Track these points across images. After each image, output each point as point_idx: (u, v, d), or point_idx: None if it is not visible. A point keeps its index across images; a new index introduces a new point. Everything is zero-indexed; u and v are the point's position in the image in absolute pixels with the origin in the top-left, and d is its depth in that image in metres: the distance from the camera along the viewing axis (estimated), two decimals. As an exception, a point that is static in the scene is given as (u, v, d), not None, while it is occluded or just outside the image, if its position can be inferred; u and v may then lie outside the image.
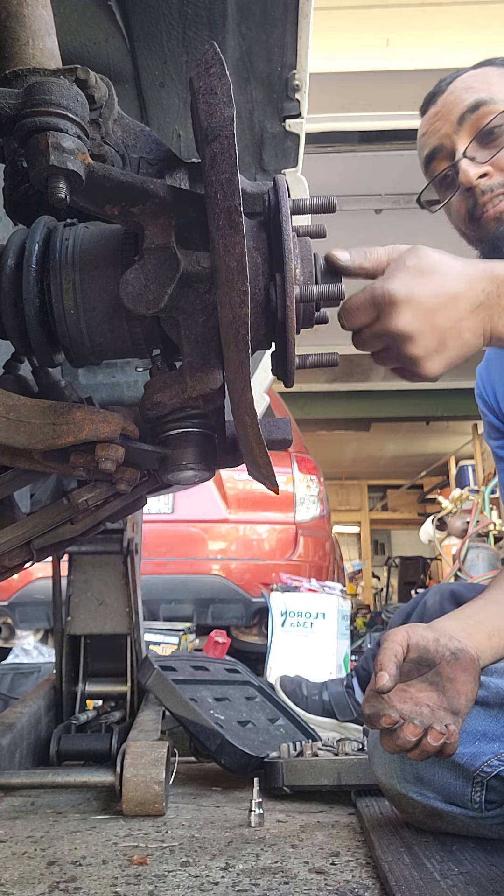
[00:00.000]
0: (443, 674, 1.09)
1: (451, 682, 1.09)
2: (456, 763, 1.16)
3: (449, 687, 1.09)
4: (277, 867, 1.13)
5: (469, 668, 1.11)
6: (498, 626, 1.19)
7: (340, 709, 2.50)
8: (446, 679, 1.09)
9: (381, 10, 4.29)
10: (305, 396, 9.72)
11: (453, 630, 1.14)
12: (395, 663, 1.06)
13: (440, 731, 1.03)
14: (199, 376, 0.84)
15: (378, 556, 15.61)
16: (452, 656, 1.10)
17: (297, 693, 2.56)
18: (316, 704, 2.54)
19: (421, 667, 1.10)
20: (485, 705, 1.18)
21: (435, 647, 1.10)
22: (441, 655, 1.10)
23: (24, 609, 4.19)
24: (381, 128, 4.97)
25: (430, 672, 1.10)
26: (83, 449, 0.89)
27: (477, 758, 1.15)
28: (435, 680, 1.10)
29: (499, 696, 1.17)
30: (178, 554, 4.42)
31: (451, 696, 1.09)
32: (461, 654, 1.10)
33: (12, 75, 0.79)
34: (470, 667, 1.11)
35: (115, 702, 2.11)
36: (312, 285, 0.83)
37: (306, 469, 4.70)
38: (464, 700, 1.09)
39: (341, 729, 2.45)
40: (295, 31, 1.27)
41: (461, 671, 1.10)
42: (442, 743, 1.03)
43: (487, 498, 5.63)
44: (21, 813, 1.51)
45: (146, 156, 0.87)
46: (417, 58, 4.37)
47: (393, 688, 1.05)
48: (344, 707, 2.48)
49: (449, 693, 1.09)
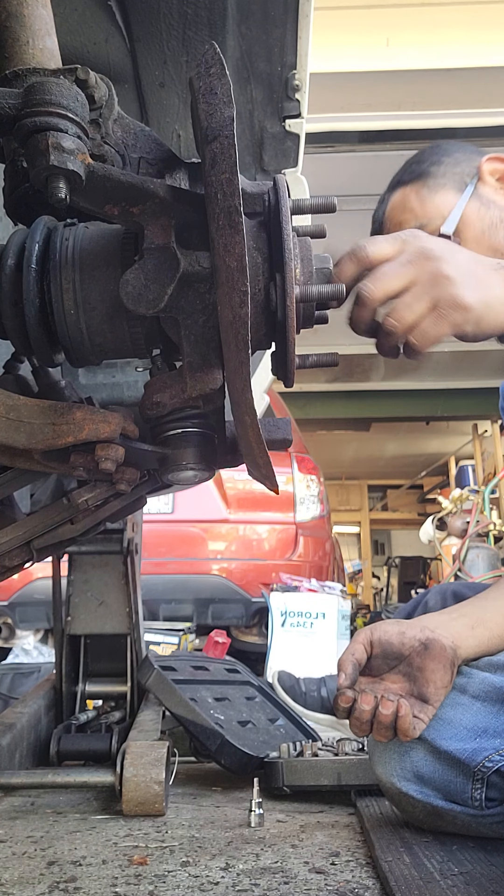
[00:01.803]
0: (413, 664, 1.14)
1: (420, 671, 1.13)
2: (456, 759, 1.17)
3: (418, 676, 1.13)
4: (277, 867, 1.13)
5: (439, 656, 1.13)
6: (483, 618, 1.21)
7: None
8: (416, 669, 1.13)
9: (381, 10, 4.28)
10: (305, 396, 9.71)
11: (431, 622, 1.18)
12: (352, 662, 1.13)
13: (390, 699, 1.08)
14: (199, 376, 0.84)
15: (378, 556, 15.61)
16: (421, 646, 1.14)
17: (295, 689, 2.57)
18: (314, 701, 2.54)
19: (389, 660, 1.15)
20: (485, 701, 1.18)
21: (400, 639, 1.14)
22: (409, 647, 1.14)
23: (24, 609, 4.19)
24: (381, 128, 4.97)
25: (401, 664, 1.15)
26: (83, 449, 0.89)
27: (478, 753, 1.16)
28: (406, 671, 1.14)
29: (500, 693, 1.18)
30: (178, 554, 4.42)
31: (421, 683, 1.13)
32: (430, 643, 1.14)
33: (12, 75, 0.79)
34: (440, 655, 1.13)
35: (115, 702, 2.11)
36: (312, 285, 0.83)
37: (306, 469, 4.70)
38: (432, 688, 1.13)
39: (339, 725, 2.45)
40: (295, 31, 1.27)
41: (430, 660, 1.13)
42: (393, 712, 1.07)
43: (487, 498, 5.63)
44: (21, 813, 1.51)
45: (146, 156, 0.87)
46: (417, 58, 4.36)
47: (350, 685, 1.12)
48: None
49: (418, 681, 1.13)
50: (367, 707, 1.09)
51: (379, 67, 4.40)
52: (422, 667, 1.13)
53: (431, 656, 1.13)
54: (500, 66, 4.32)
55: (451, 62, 4.34)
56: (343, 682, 1.11)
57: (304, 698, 2.54)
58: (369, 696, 1.09)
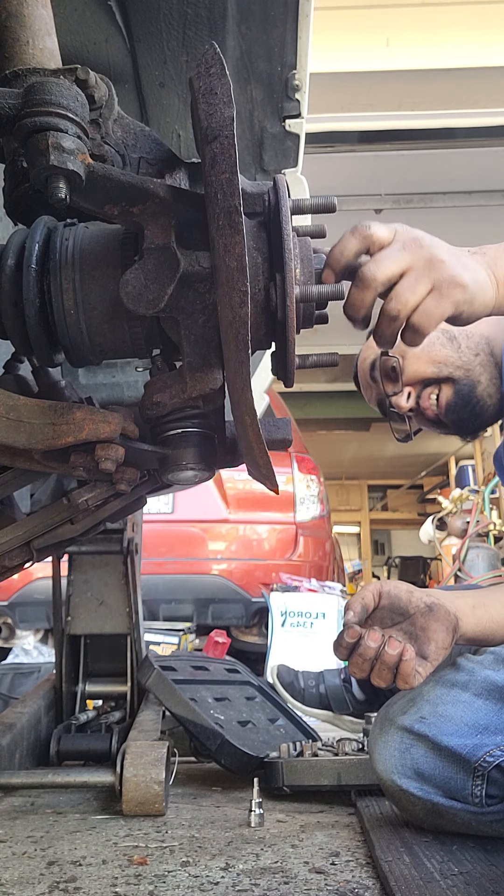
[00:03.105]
0: (416, 623, 1.14)
1: (423, 630, 1.13)
2: (457, 755, 1.17)
3: (421, 635, 1.13)
4: (277, 867, 1.13)
5: (443, 619, 1.14)
6: (484, 602, 1.22)
7: (337, 702, 2.49)
8: (419, 628, 1.13)
9: (381, 10, 4.28)
10: (305, 396, 9.71)
11: (434, 593, 1.18)
12: (361, 604, 1.13)
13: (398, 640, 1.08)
14: (199, 376, 0.84)
15: (378, 556, 15.61)
16: (427, 608, 1.14)
17: (293, 686, 2.56)
18: (312, 697, 2.54)
19: (394, 615, 1.15)
20: (486, 697, 1.19)
21: (408, 597, 1.15)
22: (415, 607, 1.14)
23: (24, 609, 4.19)
24: (381, 128, 4.97)
25: (404, 622, 1.15)
26: (83, 449, 0.89)
27: (478, 749, 1.16)
28: (409, 629, 1.14)
29: (501, 690, 1.19)
30: (178, 554, 4.42)
31: (422, 642, 1.13)
32: (436, 607, 1.14)
33: (12, 75, 0.79)
34: (444, 618, 1.14)
35: (115, 702, 2.11)
36: (312, 285, 0.83)
37: (306, 469, 4.70)
38: (433, 647, 1.13)
39: (337, 721, 2.45)
40: (295, 31, 1.27)
41: (434, 621, 1.13)
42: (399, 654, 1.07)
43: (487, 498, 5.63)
44: (21, 813, 1.51)
45: (146, 156, 0.87)
46: (417, 58, 4.36)
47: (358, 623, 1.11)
48: (340, 701, 2.48)
49: (420, 640, 1.13)
50: (374, 644, 1.08)
51: (379, 67, 4.40)
52: (425, 626, 1.13)
53: (435, 618, 1.14)
54: (500, 66, 4.32)
55: (451, 62, 4.34)
56: (350, 619, 1.11)
57: (302, 695, 2.54)
58: (377, 633, 1.09)
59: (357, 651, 1.10)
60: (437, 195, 5.79)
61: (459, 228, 5.80)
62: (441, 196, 5.79)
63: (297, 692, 2.54)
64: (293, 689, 2.55)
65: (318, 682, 2.57)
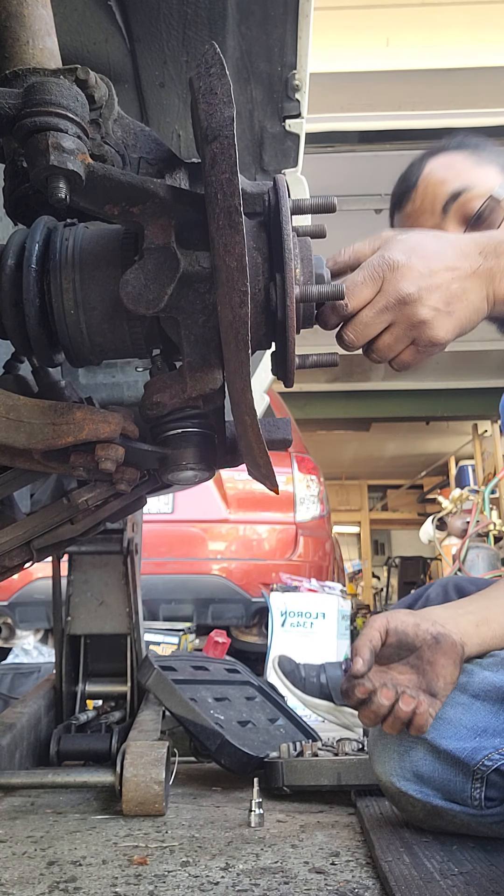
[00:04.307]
0: (423, 657, 1.13)
1: (430, 665, 1.12)
2: (456, 758, 1.17)
3: (428, 670, 1.12)
4: (277, 867, 1.13)
5: (450, 652, 1.13)
6: (487, 617, 1.21)
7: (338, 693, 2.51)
8: (426, 662, 1.13)
9: (381, 10, 4.28)
10: (305, 396, 9.71)
11: (439, 617, 1.17)
12: (370, 648, 1.11)
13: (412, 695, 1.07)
14: (199, 376, 0.84)
15: (378, 556, 15.60)
16: (433, 640, 1.13)
17: (295, 674, 2.58)
18: (314, 687, 2.56)
19: (401, 651, 1.14)
20: (484, 700, 1.18)
21: (415, 631, 1.13)
22: (422, 640, 1.13)
23: (24, 609, 4.19)
24: (381, 128, 4.97)
25: (411, 656, 1.14)
26: (83, 449, 0.89)
27: (477, 752, 1.16)
28: (415, 663, 1.13)
29: (500, 691, 1.18)
30: (178, 554, 4.42)
31: (430, 678, 1.12)
32: (442, 638, 1.13)
33: (12, 75, 0.79)
34: (451, 651, 1.13)
35: (115, 702, 2.11)
36: (312, 285, 0.83)
37: (306, 469, 4.70)
38: (442, 683, 1.12)
39: (337, 712, 2.46)
40: (295, 31, 1.27)
41: (441, 655, 1.13)
42: (413, 709, 1.07)
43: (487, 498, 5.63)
44: (21, 813, 1.51)
45: (146, 156, 0.87)
46: (417, 58, 4.36)
47: (367, 672, 1.09)
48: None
49: (428, 675, 1.12)
50: (387, 702, 1.07)
51: (379, 67, 4.40)
52: (432, 661, 1.12)
53: (442, 651, 1.13)
54: (500, 66, 4.32)
55: (451, 62, 4.34)
56: (360, 668, 1.09)
57: (303, 683, 2.55)
58: (390, 691, 1.08)
59: (369, 706, 1.08)
60: (436, 195, 5.78)
61: (459, 228, 5.80)
62: (441, 196, 5.79)
63: (299, 680, 2.56)
64: (294, 677, 2.57)
65: (320, 673, 2.59)
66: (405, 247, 0.92)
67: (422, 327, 0.91)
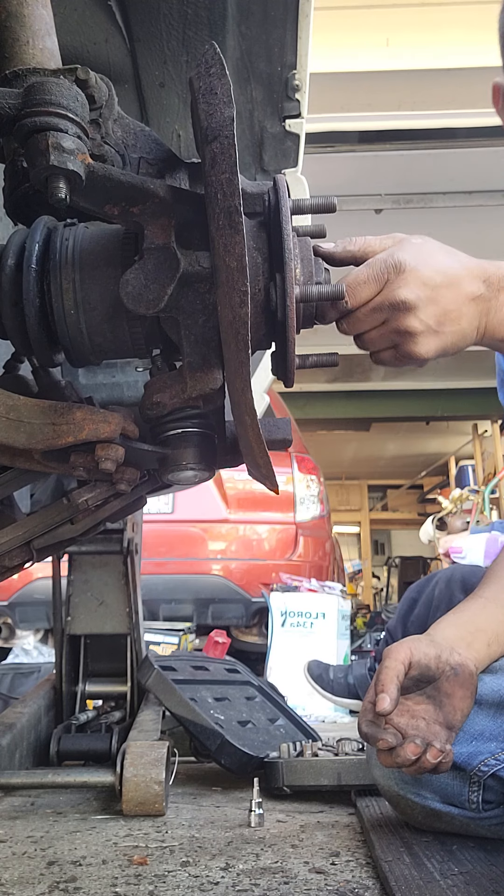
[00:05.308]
0: (441, 689, 1.12)
1: (448, 697, 1.11)
2: (454, 763, 1.16)
3: (446, 702, 1.11)
4: (277, 867, 1.13)
5: (467, 683, 1.12)
6: (497, 632, 1.20)
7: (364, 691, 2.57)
8: (444, 694, 1.11)
9: (381, 9, 4.28)
10: (305, 396, 9.72)
11: (453, 640, 1.16)
12: (397, 685, 1.08)
13: (440, 749, 1.05)
14: (199, 376, 0.84)
15: (378, 556, 15.61)
16: (452, 672, 1.12)
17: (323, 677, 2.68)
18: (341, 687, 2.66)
19: (421, 682, 1.13)
20: (481, 704, 1.18)
21: (436, 664, 1.12)
22: (441, 671, 1.12)
23: (24, 609, 4.19)
24: (381, 128, 4.97)
25: (429, 687, 1.13)
26: (83, 449, 0.89)
27: (474, 757, 1.16)
28: (433, 694, 1.12)
29: (496, 696, 1.18)
30: (178, 554, 4.42)
31: (448, 711, 1.11)
32: (460, 669, 1.12)
33: (12, 75, 0.79)
34: (468, 682, 1.13)
35: (115, 702, 2.11)
36: (312, 285, 0.83)
37: (306, 469, 4.70)
38: (459, 716, 1.12)
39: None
40: (295, 31, 1.27)
41: (459, 687, 1.12)
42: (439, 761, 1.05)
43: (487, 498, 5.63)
44: (21, 813, 1.51)
45: (146, 156, 0.87)
46: (417, 58, 4.36)
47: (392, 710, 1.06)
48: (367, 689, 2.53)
49: (446, 708, 1.11)
50: (413, 756, 1.04)
51: (379, 67, 4.40)
52: (450, 693, 1.11)
53: (460, 683, 1.12)
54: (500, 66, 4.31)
55: (451, 62, 4.34)
56: (387, 708, 1.05)
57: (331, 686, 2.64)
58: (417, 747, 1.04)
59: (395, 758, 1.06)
60: (436, 195, 5.80)
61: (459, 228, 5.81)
62: (441, 196, 5.80)
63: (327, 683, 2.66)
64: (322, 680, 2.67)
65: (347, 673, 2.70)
66: (416, 252, 0.91)
67: (406, 337, 0.91)
